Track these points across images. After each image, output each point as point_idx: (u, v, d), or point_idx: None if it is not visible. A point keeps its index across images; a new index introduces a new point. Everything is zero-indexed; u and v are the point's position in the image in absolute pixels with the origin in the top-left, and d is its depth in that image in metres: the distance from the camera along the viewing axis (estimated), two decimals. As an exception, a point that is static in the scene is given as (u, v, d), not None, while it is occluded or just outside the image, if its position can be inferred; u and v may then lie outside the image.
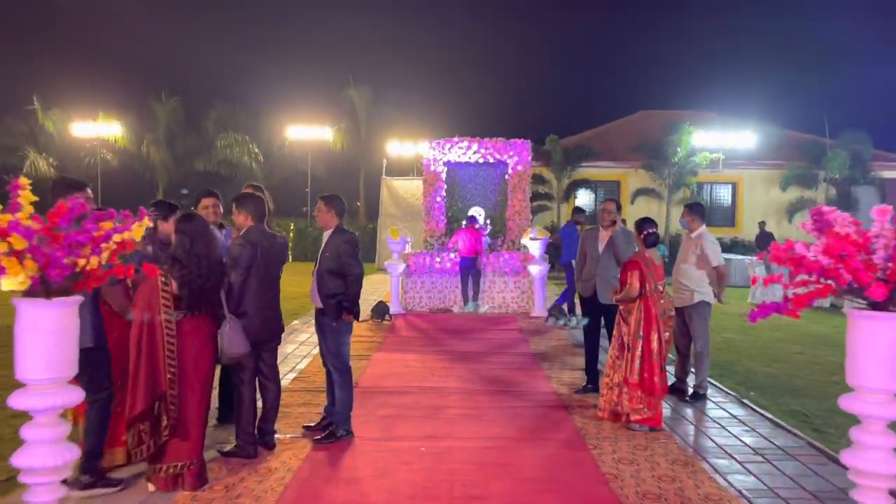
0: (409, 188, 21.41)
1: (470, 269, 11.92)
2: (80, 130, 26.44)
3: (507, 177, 13.24)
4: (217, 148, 27.38)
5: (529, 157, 13.18)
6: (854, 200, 22.20)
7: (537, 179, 21.24)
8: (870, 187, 22.58)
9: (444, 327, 10.53)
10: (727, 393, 6.77)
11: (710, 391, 6.65)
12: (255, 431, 4.80)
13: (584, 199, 23.82)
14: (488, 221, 13.45)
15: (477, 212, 13.30)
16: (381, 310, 10.90)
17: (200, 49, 46.10)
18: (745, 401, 6.45)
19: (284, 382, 6.88)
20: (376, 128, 28.18)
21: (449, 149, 13.13)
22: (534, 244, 11.74)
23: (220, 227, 5.41)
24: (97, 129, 26.45)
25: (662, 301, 5.54)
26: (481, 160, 13.21)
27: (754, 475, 4.62)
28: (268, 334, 4.80)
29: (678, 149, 21.92)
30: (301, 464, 4.68)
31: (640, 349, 5.41)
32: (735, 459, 4.91)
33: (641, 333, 5.41)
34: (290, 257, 25.04)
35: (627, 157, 23.11)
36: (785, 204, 22.65)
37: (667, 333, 5.54)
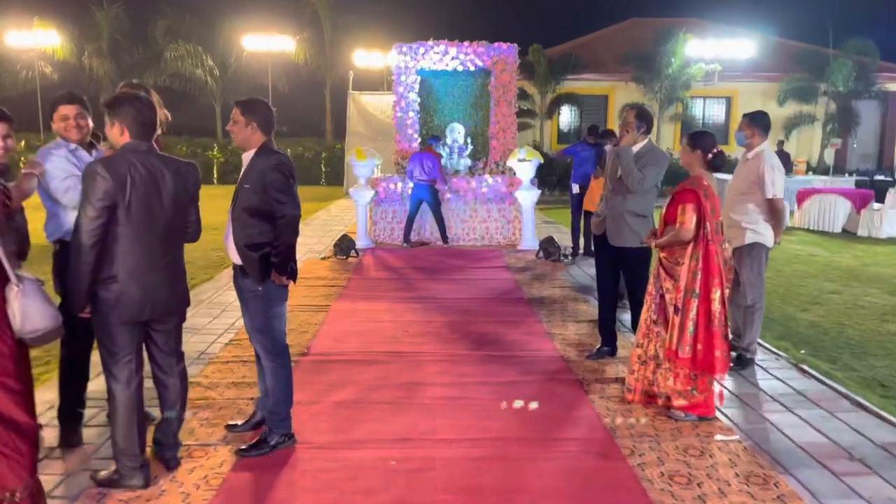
0: (380, 104, 19.43)
1: (425, 200, 10.14)
2: (14, 40, 23.74)
3: (489, 87, 11.40)
4: (167, 60, 24.81)
5: (516, 64, 11.31)
6: (855, 115, 20.87)
7: (520, 94, 19.35)
8: (873, 101, 21.13)
9: (419, 265, 8.98)
10: (777, 355, 5.37)
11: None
12: (143, 451, 3.26)
13: (567, 116, 22.17)
14: (468, 140, 11.68)
15: (457, 129, 11.52)
16: (345, 245, 9.30)
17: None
18: (805, 367, 5.06)
19: (215, 348, 5.37)
20: (342, 37, 25.74)
21: (422, 54, 11.20)
22: (522, 166, 10.07)
23: (91, 146, 3.74)
24: (34, 39, 23.76)
25: (725, 245, 4.01)
26: (460, 68, 11.31)
27: (865, 500, 3.23)
28: (154, 309, 3.18)
29: (672, 59, 20.15)
30: (213, 498, 3.18)
31: (694, 311, 3.90)
32: (828, 469, 3.51)
33: (698, 290, 3.88)
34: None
35: (616, 69, 21.31)
36: (782, 119, 21.14)
37: (727, 290, 4.02)
